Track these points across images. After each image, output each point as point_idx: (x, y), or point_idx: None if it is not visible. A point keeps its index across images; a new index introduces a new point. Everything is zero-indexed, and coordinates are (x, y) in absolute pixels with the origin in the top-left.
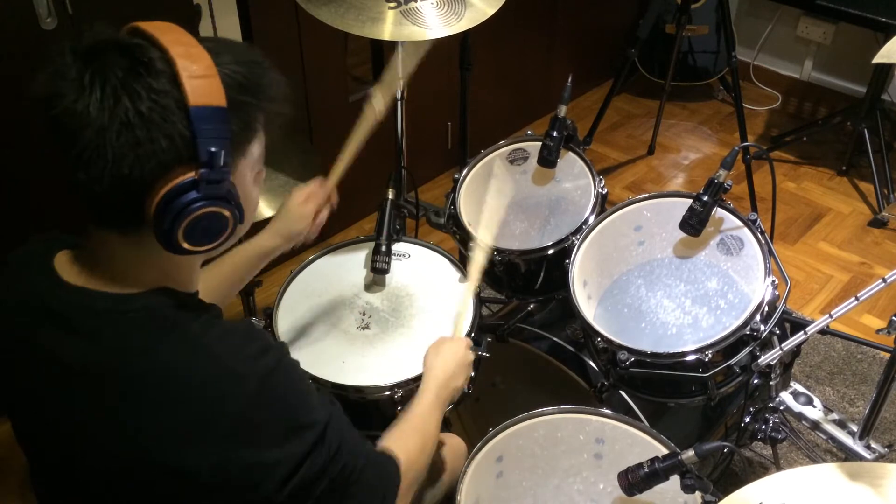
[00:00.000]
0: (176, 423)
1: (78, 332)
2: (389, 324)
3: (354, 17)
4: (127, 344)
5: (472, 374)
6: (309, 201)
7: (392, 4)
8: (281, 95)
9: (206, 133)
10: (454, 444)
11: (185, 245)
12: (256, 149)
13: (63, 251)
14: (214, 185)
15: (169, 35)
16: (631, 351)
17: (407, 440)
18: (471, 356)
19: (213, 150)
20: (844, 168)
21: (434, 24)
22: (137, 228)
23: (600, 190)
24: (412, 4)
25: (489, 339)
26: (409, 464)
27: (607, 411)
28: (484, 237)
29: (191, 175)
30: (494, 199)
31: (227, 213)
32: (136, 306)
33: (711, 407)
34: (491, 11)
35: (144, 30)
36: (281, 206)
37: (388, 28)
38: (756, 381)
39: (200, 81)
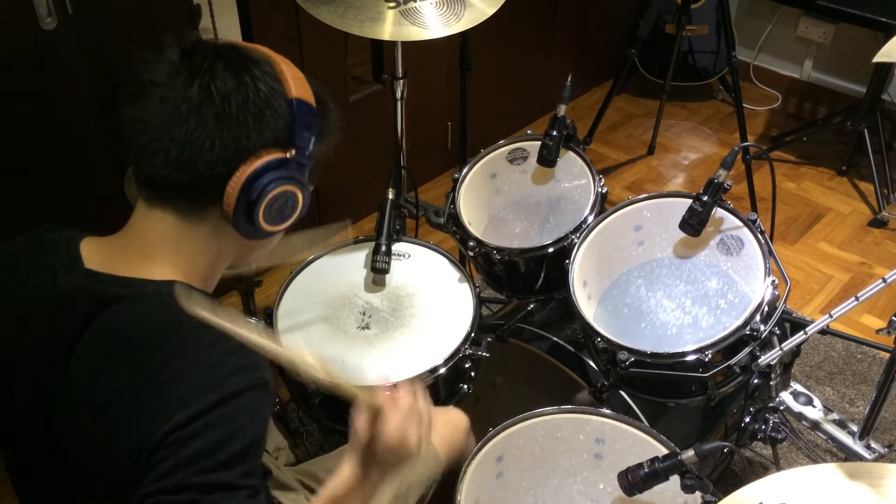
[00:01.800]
0: (139, 404)
1: (83, 313)
2: (389, 324)
3: (354, 17)
4: (124, 320)
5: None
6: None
7: (392, 4)
8: (338, 122)
9: (302, 121)
10: (455, 420)
11: (262, 220)
12: (314, 157)
13: (91, 237)
14: (300, 169)
15: (260, 47)
16: (631, 351)
17: None
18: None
19: (307, 135)
20: (844, 168)
21: (434, 24)
22: (207, 207)
23: (600, 189)
24: (412, 4)
25: (489, 339)
26: None
27: (607, 411)
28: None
29: (281, 154)
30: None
31: (300, 196)
32: (150, 289)
33: (711, 407)
34: (491, 11)
35: (241, 44)
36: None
37: (387, 28)
38: (756, 381)
39: (298, 81)
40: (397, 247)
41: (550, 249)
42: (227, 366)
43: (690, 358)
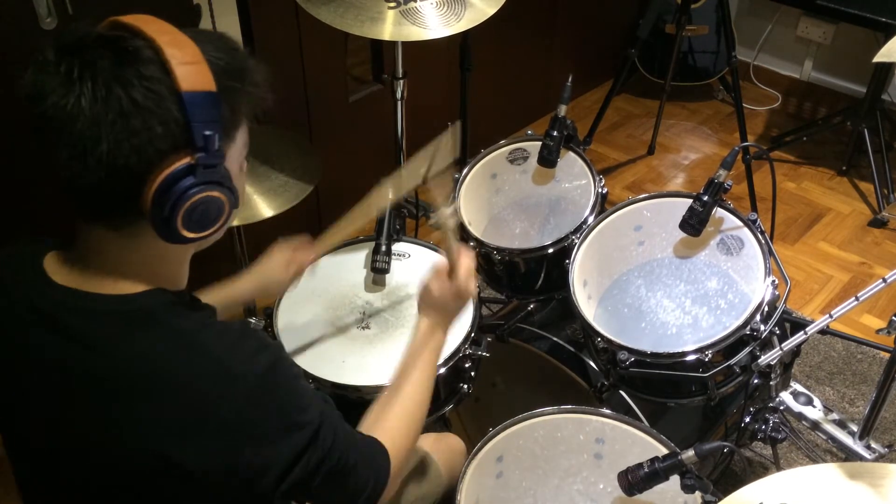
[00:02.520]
0: (173, 422)
1: (71, 334)
2: (389, 323)
3: (354, 17)
4: (123, 346)
5: (472, 374)
6: (291, 265)
7: (392, 4)
8: (263, 81)
9: (199, 118)
10: (453, 443)
11: (184, 232)
12: (241, 136)
13: (52, 252)
14: (211, 170)
15: (151, 25)
16: (631, 351)
17: (394, 425)
18: (470, 292)
19: (207, 133)
20: (844, 168)
21: (434, 24)
22: (132, 221)
23: (600, 190)
24: (412, 4)
25: (489, 339)
26: (396, 450)
27: (607, 411)
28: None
29: (187, 160)
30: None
31: (223, 197)
32: (132, 307)
33: (711, 407)
34: (491, 11)
35: (125, 22)
36: (264, 257)
37: (387, 28)
38: (756, 381)
39: (190, 67)
40: (397, 247)
41: (550, 250)
42: (244, 350)
43: (690, 358)
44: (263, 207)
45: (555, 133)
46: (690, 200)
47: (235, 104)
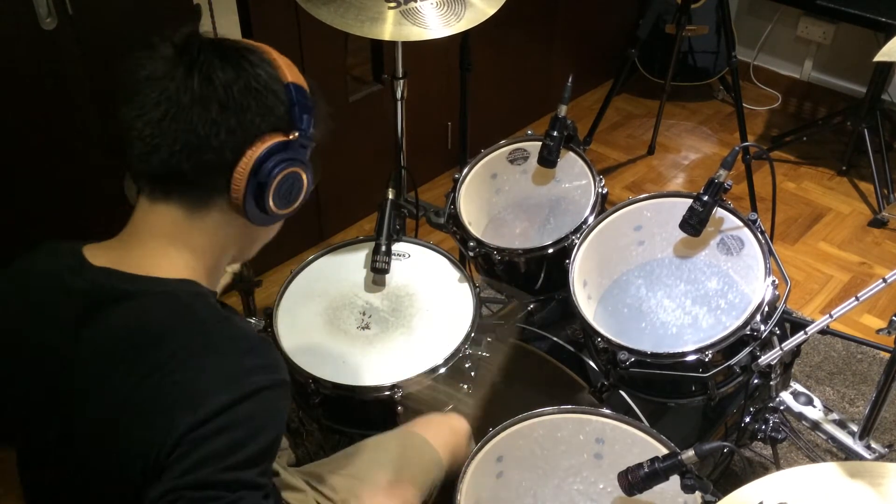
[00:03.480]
0: (157, 408)
1: (95, 311)
2: (389, 324)
3: (354, 17)
4: (137, 318)
5: (472, 374)
6: None
7: (392, 4)
8: (326, 109)
9: (300, 104)
10: (455, 425)
11: (272, 203)
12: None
13: (90, 244)
14: (303, 151)
15: (246, 40)
16: (631, 351)
17: None
18: None
19: (305, 116)
20: (844, 168)
21: (434, 24)
22: (212, 199)
23: (600, 190)
24: (412, 4)
25: (489, 340)
26: None
27: (607, 411)
28: None
29: (284, 138)
30: None
31: (306, 178)
32: (159, 289)
33: (711, 407)
34: (491, 11)
35: (223, 38)
36: None
37: (388, 28)
38: (756, 381)
39: (290, 68)
40: (397, 247)
41: (551, 250)
42: (247, 364)
43: (690, 358)
44: None
45: (555, 133)
46: (690, 200)
47: (316, 112)
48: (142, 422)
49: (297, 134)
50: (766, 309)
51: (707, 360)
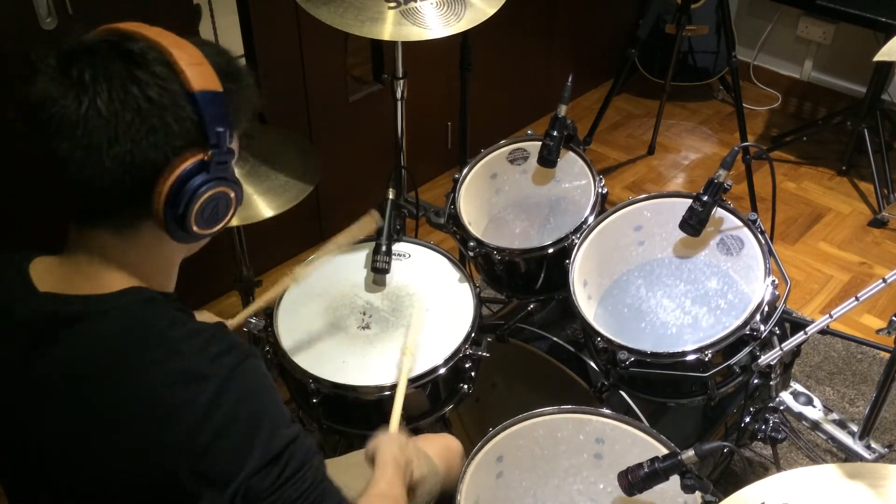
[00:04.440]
0: (140, 421)
1: (48, 340)
2: (389, 324)
3: (354, 17)
4: (93, 344)
5: (472, 374)
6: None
7: (392, 4)
8: (253, 83)
9: (211, 116)
10: (450, 444)
11: (196, 228)
12: (236, 138)
13: (38, 258)
14: (222, 167)
15: (149, 30)
16: (631, 351)
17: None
18: (414, 449)
19: (219, 130)
20: (844, 168)
21: (434, 24)
22: (136, 222)
23: (600, 190)
24: (412, 4)
25: (489, 339)
26: None
27: (607, 411)
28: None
29: (200, 157)
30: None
31: (233, 193)
32: (107, 307)
33: (711, 407)
34: (491, 11)
35: (122, 28)
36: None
37: (388, 28)
38: (756, 381)
39: (197, 68)
40: (397, 247)
41: (551, 250)
42: (212, 353)
43: (690, 358)
44: (263, 207)
45: (555, 133)
46: (690, 200)
47: (236, 106)
48: (133, 438)
49: (211, 152)
50: (766, 309)
51: (707, 359)
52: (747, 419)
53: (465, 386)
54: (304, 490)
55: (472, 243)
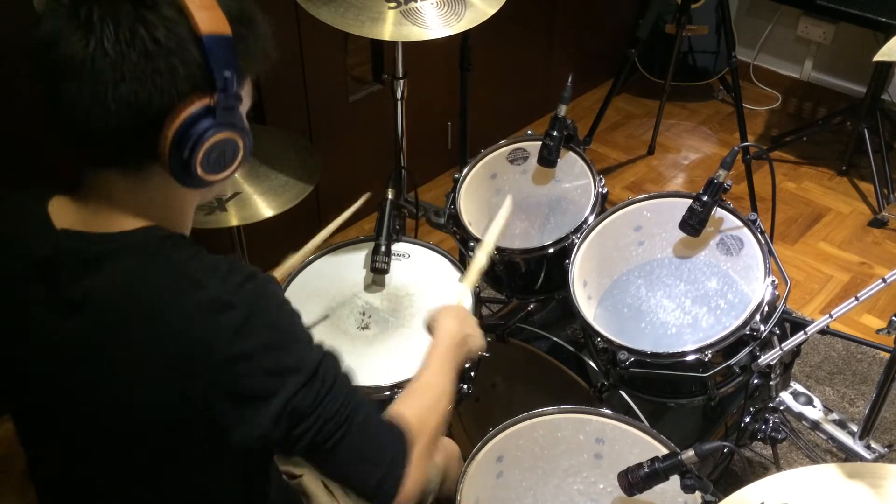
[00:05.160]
0: (167, 359)
1: (63, 277)
2: (389, 324)
3: (354, 17)
4: (116, 280)
5: (472, 374)
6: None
7: (392, 4)
8: (269, 32)
9: (218, 60)
10: (448, 446)
11: (201, 173)
12: (248, 87)
13: (57, 197)
14: (229, 112)
15: None
16: (631, 351)
17: (417, 398)
18: (473, 319)
19: (227, 75)
20: (844, 168)
21: (434, 24)
22: (144, 164)
23: (600, 190)
24: (412, 4)
25: (489, 339)
26: (420, 424)
27: (607, 411)
28: (489, 241)
29: (206, 101)
30: (506, 210)
31: (240, 140)
32: (126, 244)
33: (711, 407)
34: (491, 11)
35: None
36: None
37: (388, 28)
38: (756, 381)
39: (207, 12)
40: (397, 247)
41: (551, 249)
42: (235, 281)
43: (690, 358)
44: (263, 207)
45: (555, 133)
46: (690, 200)
47: (246, 52)
48: (162, 375)
49: (217, 97)
50: (766, 309)
51: (707, 359)
52: (747, 419)
53: (465, 386)
54: (341, 402)
55: (472, 243)
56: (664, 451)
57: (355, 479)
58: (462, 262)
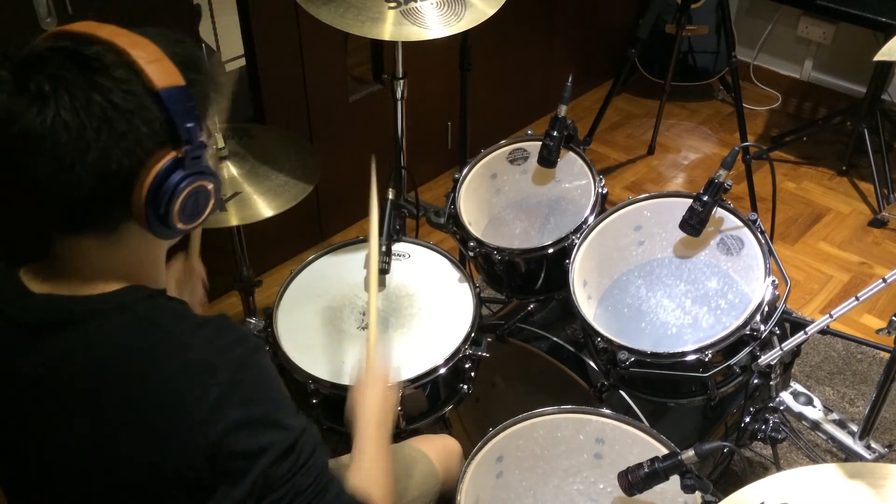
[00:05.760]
0: (151, 418)
1: (47, 340)
2: (389, 324)
3: (354, 17)
4: (99, 343)
5: (472, 374)
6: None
7: (392, 4)
8: (213, 71)
9: (178, 113)
10: (449, 444)
11: (179, 225)
12: (205, 128)
13: (27, 266)
14: (197, 161)
15: (102, 29)
16: (631, 351)
17: (371, 472)
18: (393, 391)
19: (189, 126)
20: (844, 168)
21: (434, 24)
22: (117, 226)
23: (600, 190)
24: (412, 4)
25: (489, 339)
26: (382, 496)
27: (607, 411)
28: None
29: (173, 155)
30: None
31: (210, 185)
32: (109, 305)
33: (711, 407)
34: (491, 11)
35: (73, 30)
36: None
37: (388, 28)
38: (756, 381)
39: (156, 65)
40: (397, 247)
41: (551, 250)
42: (221, 343)
43: (690, 358)
44: (263, 207)
45: (555, 133)
46: (690, 200)
47: (200, 96)
48: (140, 439)
49: (184, 148)
50: (766, 309)
51: (707, 359)
52: (747, 419)
53: (465, 386)
54: (314, 477)
55: (472, 243)
56: (664, 451)
57: None
58: (462, 263)
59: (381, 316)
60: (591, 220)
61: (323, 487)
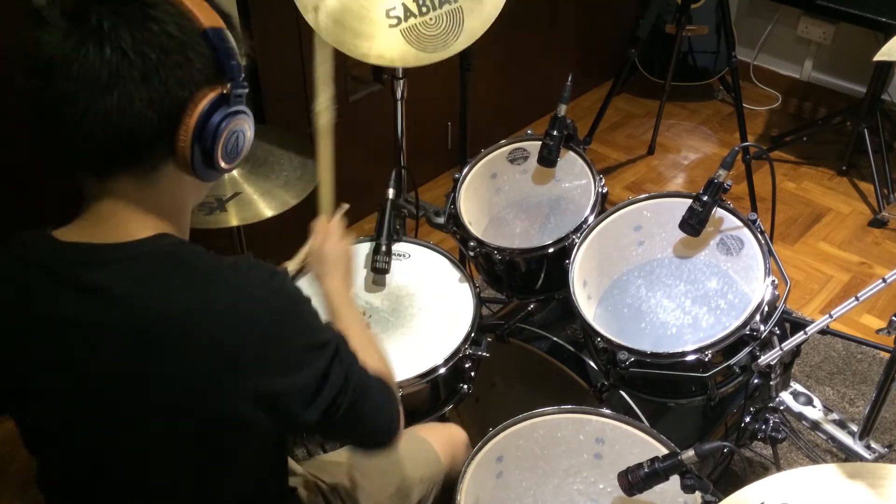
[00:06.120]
0: (206, 363)
1: (90, 289)
2: (389, 324)
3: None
4: (140, 290)
5: (472, 374)
6: (332, 237)
7: (393, 22)
8: (235, 22)
9: (223, 51)
10: (455, 434)
11: (223, 163)
12: None
13: (58, 228)
14: (239, 99)
15: None
16: (631, 351)
17: (367, 349)
18: (347, 245)
19: (234, 63)
20: (844, 168)
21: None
22: (158, 164)
23: (600, 189)
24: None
25: (489, 339)
26: (385, 368)
27: (607, 411)
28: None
29: (219, 90)
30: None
31: (248, 125)
32: (144, 250)
33: (711, 407)
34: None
35: None
36: (311, 255)
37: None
38: (756, 381)
39: (201, 7)
40: (397, 247)
41: (551, 249)
42: (255, 278)
43: (690, 358)
44: (263, 207)
45: (555, 133)
46: (690, 200)
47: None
48: (202, 366)
49: (229, 85)
50: (766, 309)
51: (707, 360)
52: (747, 419)
53: (465, 386)
54: (359, 370)
55: (472, 243)
56: (664, 451)
57: (373, 429)
58: (462, 262)
59: (380, 316)
60: (591, 219)
61: (365, 376)
